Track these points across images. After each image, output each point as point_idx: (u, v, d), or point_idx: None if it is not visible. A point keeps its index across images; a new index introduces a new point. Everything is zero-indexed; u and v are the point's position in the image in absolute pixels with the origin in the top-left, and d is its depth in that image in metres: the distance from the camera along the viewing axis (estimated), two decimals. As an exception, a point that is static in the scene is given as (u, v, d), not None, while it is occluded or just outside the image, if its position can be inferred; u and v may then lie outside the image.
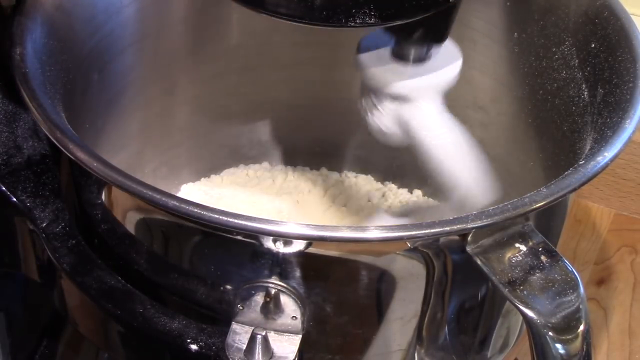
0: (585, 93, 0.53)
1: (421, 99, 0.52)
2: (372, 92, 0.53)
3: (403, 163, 0.72)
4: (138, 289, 0.48)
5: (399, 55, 0.52)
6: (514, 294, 0.41)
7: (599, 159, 0.44)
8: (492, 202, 0.55)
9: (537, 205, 0.42)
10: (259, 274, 0.44)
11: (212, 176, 0.72)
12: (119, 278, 0.48)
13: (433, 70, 0.52)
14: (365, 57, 0.52)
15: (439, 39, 0.51)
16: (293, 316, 0.45)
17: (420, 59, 0.52)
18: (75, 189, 0.50)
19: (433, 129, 0.53)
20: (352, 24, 0.43)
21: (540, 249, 0.43)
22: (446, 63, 0.53)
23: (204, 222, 0.41)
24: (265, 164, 0.73)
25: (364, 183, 0.72)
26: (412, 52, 0.52)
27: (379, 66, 0.52)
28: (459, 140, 0.54)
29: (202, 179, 0.72)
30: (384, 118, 0.53)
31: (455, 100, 0.66)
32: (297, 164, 0.74)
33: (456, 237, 0.43)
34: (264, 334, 0.44)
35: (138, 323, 0.47)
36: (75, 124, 0.47)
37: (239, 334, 0.45)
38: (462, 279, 0.47)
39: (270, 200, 0.69)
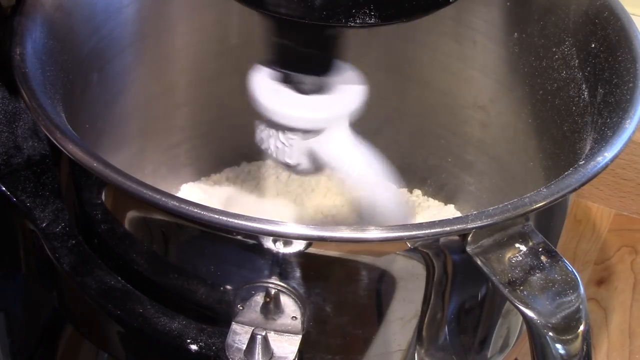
0: (585, 93, 0.53)
1: (328, 130, 0.50)
2: (274, 127, 0.50)
3: (402, 164, 0.72)
4: (138, 289, 0.48)
5: (297, 88, 0.49)
6: (514, 294, 0.41)
7: (599, 159, 0.44)
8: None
9: (537, 205, 0.42)
10: (259, 274, 0.44)
11: (212, 175, 0.72)
12: (119, 278, 0.48)
13: (335, 99, 0.49)
14: (261, 94, 0.49)
15: (332, 67, 0.49)
16: (293, 316, 0.45)
17: (319, 90, 0.49)
18: (75, 189, 0.50)
19: (343, 157, 0.50)
20: (352, 24, 0.43)
21: (540, 249, 0.43)
22: (348, 89, 0.50)
23: (204, 222, 0.41)
24: (269, 161, 0.73)
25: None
26: (310, 83, 0.49)
27: (279, 102, 0.49)
28: (368, 166, 0.51)
29: (202, 178, 0.72)
30: (290, 151, 0.50)
31: (455, 100, 0.66)
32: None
33: (456, 237, 0.43)
34: (264, 334, 0.44)
35: (138, 323, 0.47)
36: (75, 124, 0.47)
37: (239, 334, 0.45)
38: (462, 279, 0.47)
39: (271, 200, 0.69)
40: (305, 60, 0.48)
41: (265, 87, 0.50)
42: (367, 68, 0.68)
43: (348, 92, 0.50)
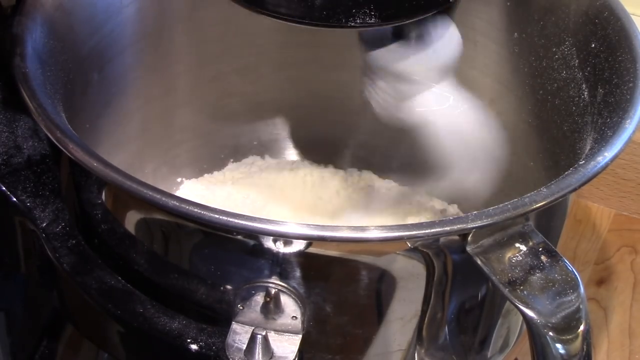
0: (585, 93, 0.53)
1: (424, 78, 0.52)
2: (374, 72, 0.53)
3: (402, 164, 0.72)
4: (138, 289, 0.48)
5: (400, 35, 0.51)
6: (514, 294, 0.41)
7: (599, 159, 0.44)
8: (485, 192, 0.55)
9: (537, 205, 0.42)
10: (259, 274, 0.44)
11: (215, 172, 0.72)
12: (119, 278, 0.48)
13: (434, 49, 0.51)
14: (367, 37, 0.52)
15: (439, 15, 0.51)
16: (293, 316, 0.45)
17: (421, 38, 0.51)
18: (75, 189, 0.50)
19: (434, 107, 0.52)
20: (352, 24, 0.43)
21: (540, 249, 0.43)
22: (447, 42, 0.52)
23: (204, 222, 0.41)
24: (270, 160, 0.73)
25: (366, 181, 0.72)
26: (413, 31, 0.51)
27: (382, 46, 0.51)
28: (464, 120, 0.53)
29: (205, 175, 0.72)
30: (386, 96, 0.53)
31: (455, 100, 0.66)
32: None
33: (456, 237, 0.43)
34: (264, 334, 0.44)
35: (138, 323, 0.47)
36: (75, 124, 0.47)
37: (239, 334, 0.45)
38: (462, 279, 0.47)
39: (272, 198, 0.69)
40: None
41: (373, 34, 0.51)
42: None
43: (446, 43, 0.52)
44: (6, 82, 0.51)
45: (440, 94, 0.53)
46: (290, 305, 0.44)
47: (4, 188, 0.51)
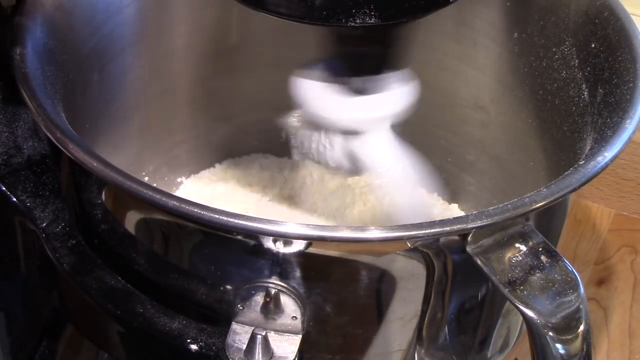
0: (585, 93, 0.53)
1: (370, 132, 0.50)
2: (317, 126, 0.51)
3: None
4: (138, 289, 0.48)
5: (342, 88, 0.50)
6: (514, 294, 0.41)
7: (599, 159, 0.44)
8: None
9: (537, 205, 0.42)
10: (259, 274, 0.44)
11: (215, 172, 0.72)
12: (119, 278, 0.48)
13: (379, 100, 0.50)
14: (305, 92, 0.50)
15: (389, 68, 0.49)
16: (293, 316, 0.45)
17: (364, 90, 0.50)
18: (75, 189, 0.50)
19: (382, 161, 0.51)
20: (352, 24, 0.43)
21: (540, 249, 0.43)
22: (394, 90, 0.51)
23: (204, 222, 0.41)
24: (270, 158, 0.73)
25: (366, 181, 0.72)
26: (361, 83, 0.50)
27: (323, 100, 0.50)
28: (405, 173, 0.52)
29: (206, 175, 0.72)
30: (331, 153, 0.51)
31: (455, 100, 0.66)
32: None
33: (456, 237, 0.43)
34: (264, 334, 0.44)
35: (138, 323, 0.47)
36: (75, 124, 0.47)
37: (239, 334, 0.45)
38: (462, 279, 0.47)
39: (271, 197, 0.69)
40: (354, 61, 0.49)
41: (310, 88, 0.50)
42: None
43: (393, 93, 0.50)
44: (6, 82, 0.51)
45: (386, 150, 0.51)
46: (290, 305, 0.44)
47: (4, 188, 0.51)
